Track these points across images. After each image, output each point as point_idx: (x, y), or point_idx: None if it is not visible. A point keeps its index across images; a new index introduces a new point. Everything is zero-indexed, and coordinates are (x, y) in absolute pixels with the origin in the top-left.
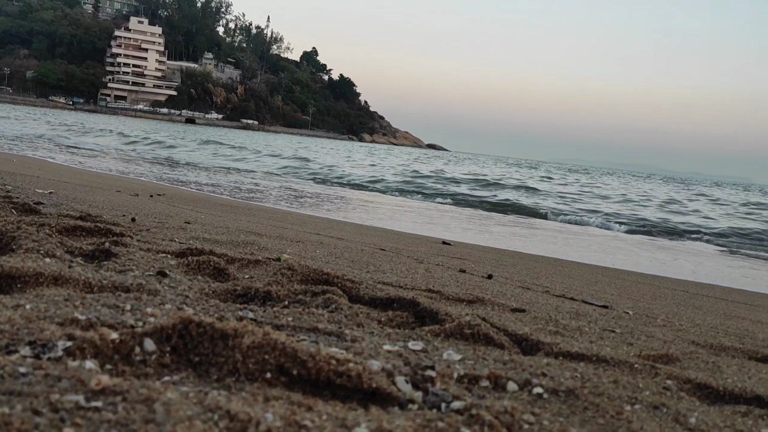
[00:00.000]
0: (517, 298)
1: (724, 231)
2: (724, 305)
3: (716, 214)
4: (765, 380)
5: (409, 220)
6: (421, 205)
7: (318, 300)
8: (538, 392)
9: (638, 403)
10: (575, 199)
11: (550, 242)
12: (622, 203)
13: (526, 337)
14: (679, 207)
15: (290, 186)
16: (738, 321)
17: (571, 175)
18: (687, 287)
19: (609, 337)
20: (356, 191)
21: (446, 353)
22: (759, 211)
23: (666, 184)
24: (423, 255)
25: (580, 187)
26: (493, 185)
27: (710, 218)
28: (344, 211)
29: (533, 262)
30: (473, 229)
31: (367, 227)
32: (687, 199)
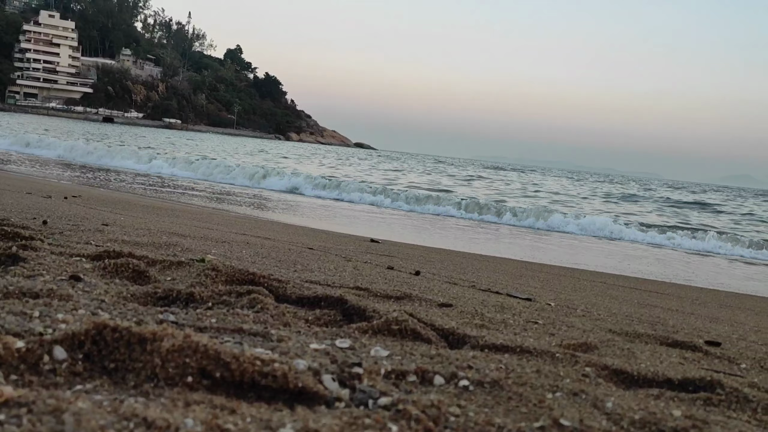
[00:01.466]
0: (444, 293)
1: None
2: (637, 294)
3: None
4: (675, 364)
5: (337, 219)
6: (352, 206)
7: (243, 300)
8: (464, 385)
9: (559, 390)
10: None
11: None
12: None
13: (452, 331)
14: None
15: (213, 188)
16: (650, 309)
17: (499, 173)
18: (605, 278)
19: (532, 329)
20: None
21: (374, 350)
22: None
23: (570, 179)
24: (351, 253)
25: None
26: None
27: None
28: (270, 210)
29: (460, 258)
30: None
31: (295, 226)
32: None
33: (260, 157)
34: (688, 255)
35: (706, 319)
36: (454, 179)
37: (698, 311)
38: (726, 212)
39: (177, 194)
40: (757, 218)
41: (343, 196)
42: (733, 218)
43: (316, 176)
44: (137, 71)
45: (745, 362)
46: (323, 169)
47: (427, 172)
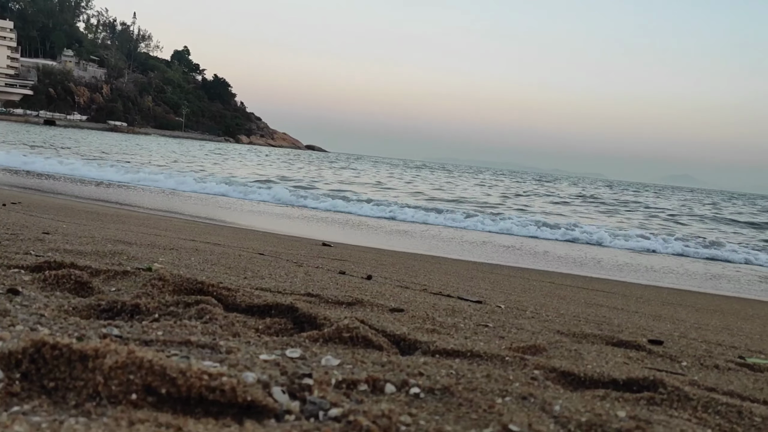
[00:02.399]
0: (395, 297)
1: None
2: (585, 294)
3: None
4: (620, 364)
5: (286, 222)
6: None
7: (191, 311)
8: (415, 392)
9: (509, 395)
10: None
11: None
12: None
13: (404, 337)
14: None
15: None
16: (597, 308)
17: (437, 172)
18: (553, 278)
19: (483, 332)
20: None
21: (325, 359)
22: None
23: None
24: (303, 258)
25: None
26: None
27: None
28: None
29: (412, 261)
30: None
31: (246, 231)
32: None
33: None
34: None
35: (650, 318)
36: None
37: (642, 309)
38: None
39: (127, 197)
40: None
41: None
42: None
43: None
44: (80, 73)
45: (686, 360)
46: (275, 170)
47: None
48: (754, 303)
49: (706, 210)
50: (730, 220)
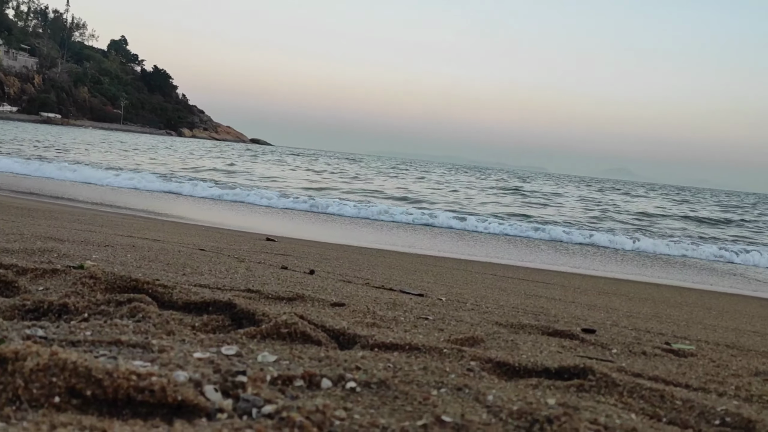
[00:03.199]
0: (337, 292)
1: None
2: (525, 285)
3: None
4: (554, 353)
5: (230, 216)
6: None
7: (123, 309)
8: (351, 387)
9: (444, 386)
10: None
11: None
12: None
13: (343, 332)
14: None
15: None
16: (536, 299)
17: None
18: (495, 270)
19: (422, 325)
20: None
21: (261, 355)
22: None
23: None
24: (245, 253)
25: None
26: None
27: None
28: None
29: (357, 254)
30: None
31: (187, 226)
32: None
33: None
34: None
35: (585, 307)
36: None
37: (579, 299)
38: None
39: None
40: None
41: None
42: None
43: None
44: (10, 62)
45: (616, 347)
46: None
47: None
48: (683, 290)
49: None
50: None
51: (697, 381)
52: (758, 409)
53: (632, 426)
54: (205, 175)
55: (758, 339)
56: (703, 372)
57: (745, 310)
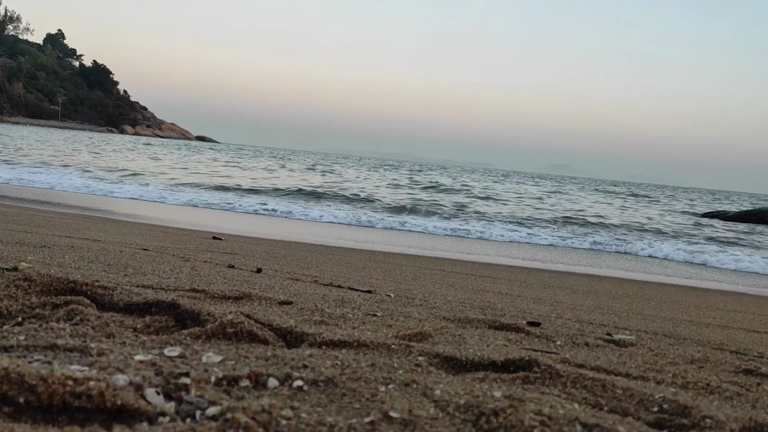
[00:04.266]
0: (285, 290)
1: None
2: (472, 280)
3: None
4: (500, 346)
5: (178, 214)
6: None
7: (60, 312)
8: (298, 385)
9: (392, 382)
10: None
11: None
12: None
13: (290, 330)
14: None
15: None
16: (483, 294)
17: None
18: (443, 266)
19: (371, 322)
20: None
21: (206, 356)
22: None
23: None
24: (190, 252)
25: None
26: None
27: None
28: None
29: (305, 252)
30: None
31: (130, 225)
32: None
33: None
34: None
35: (531, 301)
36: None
37: (525, 293)
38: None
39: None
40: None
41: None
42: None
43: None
44: None
45: (560, 339)
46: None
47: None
48: (624, 282)
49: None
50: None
51: (636, 370)
52: (693, 395)
53: (575, 416)
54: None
55: (693, 328)
56: (642, 361)
57: (682, 300)
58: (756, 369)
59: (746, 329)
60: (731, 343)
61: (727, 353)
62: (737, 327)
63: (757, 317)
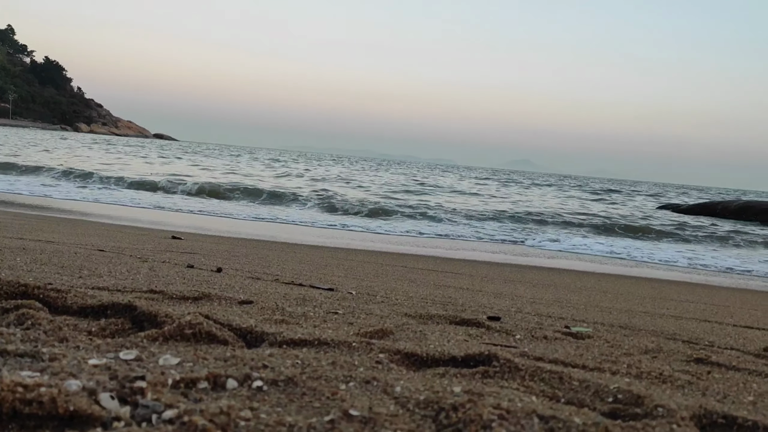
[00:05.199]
0: (245, 289)
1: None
2: (434, 276)
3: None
4: (460, 342)
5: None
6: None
7: (9, 317)
8: (258, 386)
9: (353, 380)
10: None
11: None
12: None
13: (251, 330)
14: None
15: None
16: (444, 289)
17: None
18: (405, 262)
19: (332, 320)
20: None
21: (163, 358)
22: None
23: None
24: (148, 252)
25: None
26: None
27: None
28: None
29: (267, 250)
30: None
31: (86, 224)
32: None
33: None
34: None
35: (491, 295)
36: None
37: (486, 288)
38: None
39: None
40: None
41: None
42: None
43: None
44: None
45: (519, 333)
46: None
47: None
48: (582, 275)
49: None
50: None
51: (593, 361)
52: (647, 385)
53: (532, 408)
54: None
55: (648, 319)
56: (599, 353)
57: (638, 291)
58: (706, 358)
59: (698, 319)
60: (683, 332)
61: (679, 343)
62: (690, 317)
63: (709, 307)
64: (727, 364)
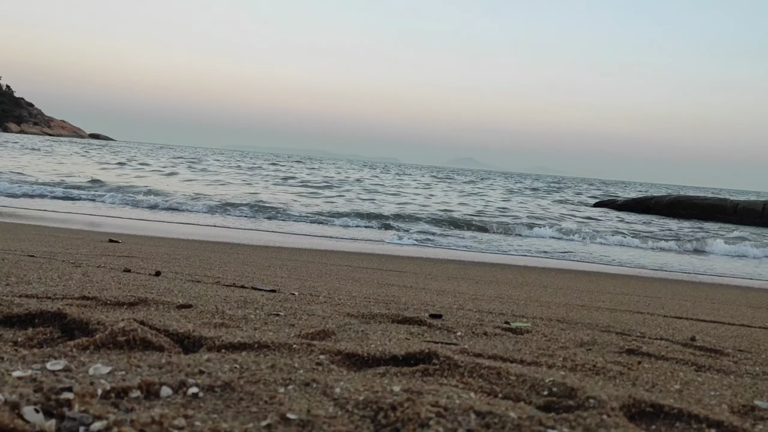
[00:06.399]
0: (185, 293)
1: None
2: (378, 275)
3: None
4: (402, 340)
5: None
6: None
7: None
8: (193, 392)
9: (292, 383)
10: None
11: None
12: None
13: (188, 335)
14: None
15: None
16: (388, 288)
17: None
18: (350, 261)
19: (273, 322)
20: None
21: (93, 368)
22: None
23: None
24: (82, 257)
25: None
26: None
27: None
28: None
29: (209, 252)
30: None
31: (16, 228)
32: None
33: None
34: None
35: (435, 293)
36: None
37: (429, 286)
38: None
39: None
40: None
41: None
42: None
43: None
44: None
45: (460, 330)
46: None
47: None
48: (524, 270)
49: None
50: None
51: (530, 356)
52: (581, 377)
53: (470, 404)
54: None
55: (585, 312)
56: (536, 347)
57: (576, 285)
58: (637, 348)
59: (631, 311)
60: (617, 324)
61: (613, 335)
62: (624, 309)
63: (642, 299)
64: (656, 354)
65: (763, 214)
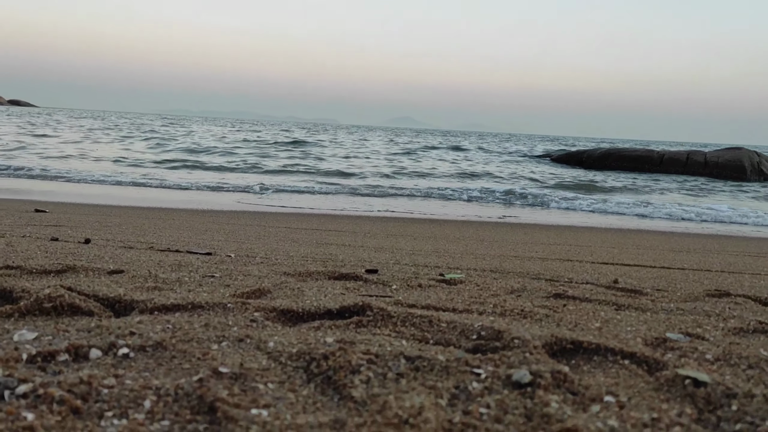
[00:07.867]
0: (116, 259)
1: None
2: (317, 235)
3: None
4: (336, 295)
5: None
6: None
7: None
8: (124, 353)
9: (225, 340)
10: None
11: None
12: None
13: (119, 299)
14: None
15: None
16: (326, 247)
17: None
18: (289, 223)
19: (208, 283)
20: None
21: (18, 334)
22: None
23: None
24: (6, 228)
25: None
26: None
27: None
28: None
29: (143, 219)
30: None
31: None
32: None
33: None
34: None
35: (372, 250)
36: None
37: (367, 243)
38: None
39: None
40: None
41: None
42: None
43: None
44: None
45: (395, 284)
46: None
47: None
48: (462, 225)
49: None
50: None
51: (462, 304)
52: (509, 321)
53: (400, 351)
54: None
55: (518, 262)
56: (468, 296)
57: (511, 238)
58: (564, 292)
59: (562, 259)
60: (547, 272)
61: (542, 281)
62: (555, 258)
63: (573, 248)
64: (581, 297)
65: (686, 163)
